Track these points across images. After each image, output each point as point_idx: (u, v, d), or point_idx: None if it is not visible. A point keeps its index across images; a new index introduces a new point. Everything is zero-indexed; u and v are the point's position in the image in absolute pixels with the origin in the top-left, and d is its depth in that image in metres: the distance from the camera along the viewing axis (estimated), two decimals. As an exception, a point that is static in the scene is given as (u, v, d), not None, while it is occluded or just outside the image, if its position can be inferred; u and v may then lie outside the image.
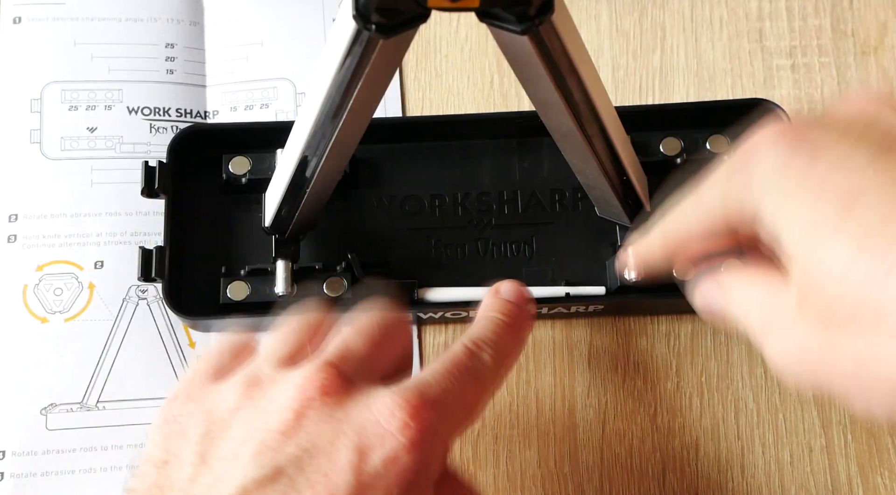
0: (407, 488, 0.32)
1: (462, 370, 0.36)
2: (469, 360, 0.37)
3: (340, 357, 0.35)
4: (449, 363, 0.37)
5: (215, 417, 0.34)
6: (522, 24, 0.30)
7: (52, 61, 0.51)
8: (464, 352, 0.38)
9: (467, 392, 0.36)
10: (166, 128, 0.51)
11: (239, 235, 0.48)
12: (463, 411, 0.36)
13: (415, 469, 0.32)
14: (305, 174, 0.40)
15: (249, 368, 0.35)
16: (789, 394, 0.48)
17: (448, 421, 0.35)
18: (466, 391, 0.36)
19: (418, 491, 0.33)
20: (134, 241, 0.49)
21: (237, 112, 0.52)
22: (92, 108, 0.51)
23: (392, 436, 0.32)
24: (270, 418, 0.33)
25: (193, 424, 0.34)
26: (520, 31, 0.31)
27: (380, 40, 0.31)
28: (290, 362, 0.35)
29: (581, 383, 0.48)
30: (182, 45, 0.52)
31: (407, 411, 0.33)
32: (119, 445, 0.46)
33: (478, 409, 0.37)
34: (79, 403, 0.46)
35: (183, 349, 0.48)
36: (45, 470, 0.45)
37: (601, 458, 0.47)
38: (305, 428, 0.32)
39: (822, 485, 0.46)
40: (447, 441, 0.35)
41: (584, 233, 0.48)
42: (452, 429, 0.35)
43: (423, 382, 0.35)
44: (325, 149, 0.38)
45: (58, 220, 0.49)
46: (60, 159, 0.50)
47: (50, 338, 0.47)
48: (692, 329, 0.49)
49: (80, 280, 0.48)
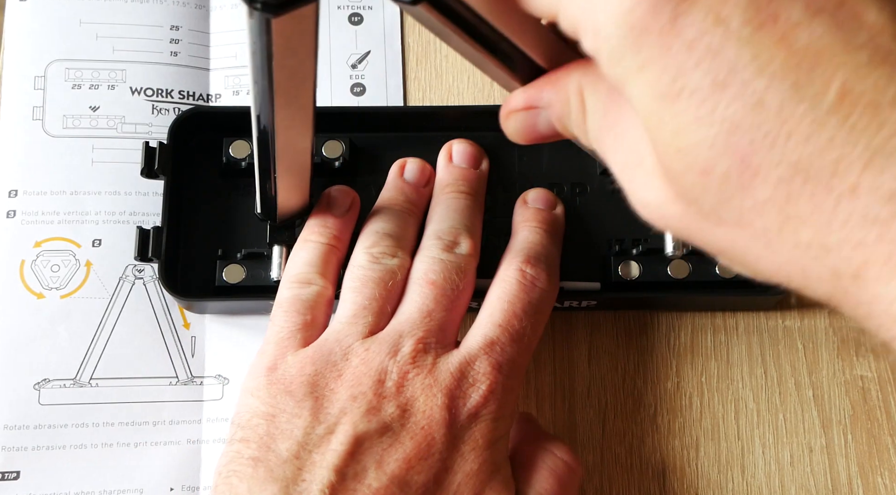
0: (492, 433, 0.38)
1: (525, 304, 0.41)
2: (528, 293, 0.41)
3: (425, 329, 0.39)
4: (509, 303, 0.40)
5: (318, 380, 0.37)
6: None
7: (57, 39, 0.52)
8: (521, 282, 0.41)
9: (527, 326, 0.40)
10: (168, 109, 0.51)
11: (237, 219, 0.48)
12: (528, 348, 0.41)
13: (496, 416, 0.38)
14: (267, 159, 0.40)
15: (340, 334, 0.39)
16: (789, 394, 0.47)
17: (517, 363, 0.40)
18: (527, 326, 0.40)
19: (501, 433, 0.38)
20: (132, 221, 0.49)
21: (240, 96, 0.52)
22: (95, 88, 0.51)
23: (475, 389, 0.38)
24: (366, 385, 0.37)
25: (297, 384, 0.37)
26: (410, 1, 0.28)
27: (271, 19, 0.29)
28: (375, 327, 0.39)
29: (581, 383, 0.48)
30: (187, 27, 0.53)
31: (484, 370, 0.38)
32: (111, 422, 0.46)
33: (541, 330, 0.42)
34: (72, 380, 0.46)
35: (177, 329, 0.48)
36: (36, 445, 0.45)
37: (601, 458, 0.46)
38: (404, 392, 0.37)
39: (822, 485, 0.46)
40: (519, 383, 0.40)
41: (580, 228, 0.48)
42: (522, 369, 0.40)
43: (490, 336, 0.39)
44: (272, 133, 0.38)
45: (57, 198, 0.49)
46: (62, 137, 0.50)
47: (45, 314, 0.47)
48: (692, 329, 0.49)
49: (78, 257, 0.48)
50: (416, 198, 0.46)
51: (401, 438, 0.36)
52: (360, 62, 0.53)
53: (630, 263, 0.47)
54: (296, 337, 0.39)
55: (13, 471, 0.44)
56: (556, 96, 0.32)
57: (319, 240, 0.43)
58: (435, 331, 0.39)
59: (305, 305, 0.40)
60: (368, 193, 0.48)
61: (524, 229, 0.45)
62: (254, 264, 0.46)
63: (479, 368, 0.38)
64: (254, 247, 0.47)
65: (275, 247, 0.46)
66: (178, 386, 0.47)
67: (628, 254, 0.47)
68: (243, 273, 0.46)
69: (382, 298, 0.40)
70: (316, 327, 0.40)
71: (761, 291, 0.47)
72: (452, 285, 0.40)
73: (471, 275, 0.42)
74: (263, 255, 0.46)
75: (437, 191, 0.46)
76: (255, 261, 0.46)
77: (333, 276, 0.42)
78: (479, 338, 0.39)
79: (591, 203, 0.49)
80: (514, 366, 0.39)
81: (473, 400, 0.37)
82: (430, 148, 0.48)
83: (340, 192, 0.45)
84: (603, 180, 0.49)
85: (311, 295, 0.41)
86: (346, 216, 0.45)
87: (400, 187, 0.46)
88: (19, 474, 0.44)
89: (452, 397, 0.37)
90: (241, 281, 0.46)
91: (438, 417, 0.37)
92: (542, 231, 0.44)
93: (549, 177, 0.49)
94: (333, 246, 0.43)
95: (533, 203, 0.47)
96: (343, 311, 0.40)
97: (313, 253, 0.43)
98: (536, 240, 0.44)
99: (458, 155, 0.47)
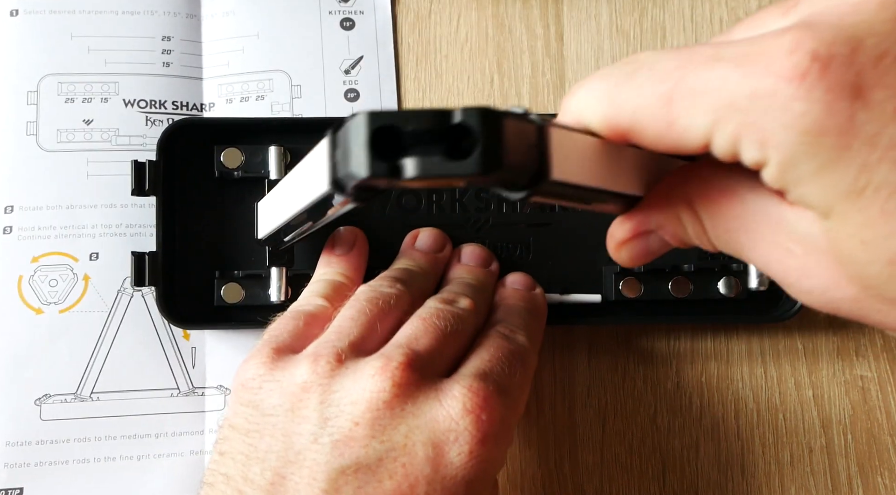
0: (482, 478, 0.34)
1: (506, 353, 0.38)
2: (509, 344, 0.39)
3: (411, 351, 0.36)
4: (493, 349, 0.38)
5: (287, 390, 0.35)
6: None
7: (49, 53, 0.51)
8: (500, 337, 0.39)
9: (517, 373, 0.38)
10: (162, 120, 0.51)
11: (234, 234, 0.48)
12: (519, 394, 0.38)
13: (489, 458, 0.34)
14: (294, 226, 0.40)
15: (322, 347, 0.36)
16: (789, 394, 0.47)
17: (511, 406, 0.36)
18: (517, 372, 0.37)
19: (491, 477, 0.36)
20: (129, 233, 0.49)
21: (233, 104, 0.52)
22: (88, 101, 0.51)
23: (466, 431, 0.34)
24: (345, 408, 0.34)
25: (266, 393, 0.36)
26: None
27: (351, 200, 0.29)
28: (363, 346, 0.37)
29: (581, 383, 0.48)
30: (179, 37, 0.52)
31: (477, 403, 0.34)
32: (113, 436, 0.46)
33: (527, 391, 0.39)
34: (73, 394, 0.46)
35: (177, 341, 0.48)
36: (39, 461, 0.45)
37: (601, 458, 0.47)
38: (380, 421, 0.34)
39: (822, 485, 0.46)
40: (512, 428, 0.37)
41: (581, 237, 0.48)
42: (515, 415, 0.37)
43: (481, 370, 0.36)
44: (306, 231, 0.39)
45: (53, 212, 0.49)
46: (56, 151, 0.50)
47: (45, 329, 0.47)
48: (692, 330, 0.49)
49: (76, 271, 0.48)
50: (428, 265, 0.45)
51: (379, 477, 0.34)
52: (353, 67, 0.53)
53: (631, 280, 0.46)
54: (283, 340, 0.38)
55: (17, 488, 0.45)
56: (666, 217, 0.32)
57: (324, 278, 0.43)
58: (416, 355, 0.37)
59: (303, 313, 0.40)
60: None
61: (501, 306, 0.43)
62: (252, 283, 0.46)
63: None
64: (251, 263, 0.47)
65: (273, 268, 0.46)
66: (180, 397, 0.47)
67: (630, 271, 0.46)
68: (241, 292, 0.46)
69: (373, 315, 0.39)
70: (309, 338, 0.39)
71: (764, 312, 0.47)
72: (445, 322, 0.38)
73: (468, 325, 0.40)
74: (262, 277, 0.46)
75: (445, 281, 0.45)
76: (253, 280, 0.46)
77: (340, 304, 0.41)
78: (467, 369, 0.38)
79: (593, 216, 0.48)
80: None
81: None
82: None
83: (344, 233, 0.46)
84: None
85: (313, 308, 0.41)
86: (350, 254, 0.45)
87: (411, 254, 0.46)
88: (23, 491, 0.45)
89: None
90: (240, 300, 0.46)
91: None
92: (521, 306, 0.43)
93: None
94: (341, 281, 0.43)
95: (512, 285, 0.46)
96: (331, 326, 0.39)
97: (318, 285, 0.42)
98: (513, 312, 0.42)
99: (468, 256, 0.47)
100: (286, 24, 0.53)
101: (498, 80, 0.53)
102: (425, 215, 0.48)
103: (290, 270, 0.46)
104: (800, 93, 0.23)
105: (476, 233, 0.48)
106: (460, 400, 0.34)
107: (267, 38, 0.53)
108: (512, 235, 0.48)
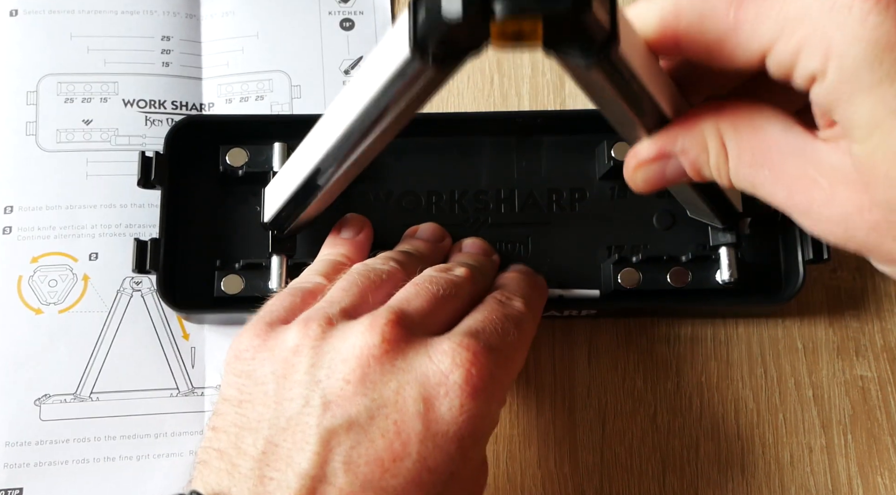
0: (473, 435, 0.34)
1: (500, 315, 0.38)
2: (504, 307, 0.38)
3: (400, 309, 0.36)
4: (487, 311, 0.38)
5: (278, 357, 0.35)
6: (588, 57, 0.29)
7: (49, 54, 0.52)
8: (495, 301, 0.39)
9: (511, 334, 0.37)
10: (161, 120, 0.51)
11: (235, 228, 0.48)
12: (512, 354, 0.37)
13: (479, 414, 0.34)
14: (317, 182, 0.40)
15: (314, 313, 0.36)
16: (789, 394, 0.47)
17: (503, 365, 0.36)
18: (510, 333, 0.37)
19: (482, 436, 0.35)
20: (128, 233, 0.49)
21: (232, 104, 0.52)
22: (88, 101, 0.51)
23: (456, 385, 0.33)
24: (336, 367, 0.34)
25: (259, 362, 0.35)
26: (585, 64, 0.29)
27: (430, 70, 0.30)
28: (353, 313, 0.36)
29: (581, 383, 0.48)
30: (178, 37, 0.52)
31: (467, 358, 0.34)
32: (112, 436, 0.46)
33: (522, 354, 0.38)
34: (72, 394, 0.46)
35: (177, 341, 0.48)
36: (38, 461, 0.45)
37: (601, 458, 0.47)
38: (370, 377, 0.33)
39: (822, 485, 0.46)
40: (504, 387, 0.36)
41: (579, 234, 0.48)
42: (507, 375, 0.37)
43: (473, 329, 0.36)
44: (343, 164, 0.38)
45: (53, 212, 0.49)
46: (56, 151, 0.50)
47: (44, 330, 0.47)
48: (692, 329, 0.49)
49: (75, 271, 0.48)
50: (427, 252, 0.45)
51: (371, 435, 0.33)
52: (352, 68, 0.53)
53: (630, 271, 0.46)
54: (278, 314, 0.38)
55: (16, 488, 0.45)
56: (693, 141, 0.32)
57: (327, 258, 0.43)
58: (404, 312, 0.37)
59: (300, 290, 0.40)
60: (366, 200, 0.48)
61: (501, 277, 0.44)
62: (252, 274, 0.46)
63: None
64: (251, 256, 0.47)
65: (274, 257, 0.45)
66: (179, 397, 0.47)
67: (628, 261, 0.46)
68: (242, 283, 0.46)
69: (364, 287, 0.38)
70: (304, 311, 0.38)
71: (762, 300, 0.47)
72: (438, 287, 0.38)
73: (463, 291, 0.39)
74: (262, 266, 0.46)
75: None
76: (253, 271, 0.46)
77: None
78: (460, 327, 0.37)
79: (591, 209, 0.48)
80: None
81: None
82: (427, 155, 0.48)
83: (353, 218, 0.46)
84: (602, 185, 0.48)
85: (310, 285, 0.40)
86: (356, 239, 0.45)
87: (410, 241, 0.46)
88: (22, 491, 0.45)
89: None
90: (240, 291, 0.46)
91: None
92: (520, 277, 0.43)
93: (549, 182, 0.49)
94: (342, 262, 0.43)
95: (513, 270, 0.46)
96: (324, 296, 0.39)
97: (319, 265, 0.42)
98: (512, 282, 0.43)
99: (469, 246, 0.47)
100: (286, 25, 0.53)
101: (498, 79, 0.53)
102: (425, 215, 0.48)
103: (290, 259, 0.46)
104: (878, 8, 0.25)
105: (475, 233, 0.48)
106: (450, 355, 0.34)
107: (266, 39, 0.53)
108: (511, 235, 0.48)
